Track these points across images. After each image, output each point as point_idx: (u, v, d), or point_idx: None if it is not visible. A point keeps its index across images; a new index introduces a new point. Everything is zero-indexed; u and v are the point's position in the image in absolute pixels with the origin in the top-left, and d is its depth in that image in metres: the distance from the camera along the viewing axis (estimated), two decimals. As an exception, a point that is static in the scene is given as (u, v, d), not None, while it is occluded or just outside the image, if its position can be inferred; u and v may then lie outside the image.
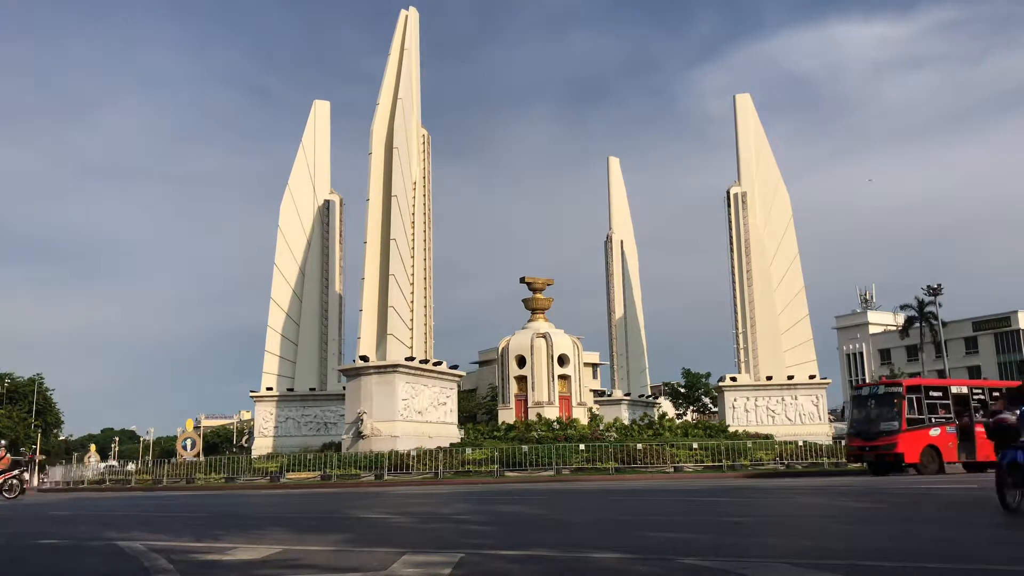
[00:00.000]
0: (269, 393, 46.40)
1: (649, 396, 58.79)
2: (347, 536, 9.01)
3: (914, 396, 27.53)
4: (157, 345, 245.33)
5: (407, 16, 42.19)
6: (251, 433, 63.61)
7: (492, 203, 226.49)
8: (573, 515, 12.45)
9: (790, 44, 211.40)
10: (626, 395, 55.60)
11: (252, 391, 46.90)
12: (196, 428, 68.30)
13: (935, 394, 28.08)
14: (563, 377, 45.85)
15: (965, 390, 28.94)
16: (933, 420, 27.17)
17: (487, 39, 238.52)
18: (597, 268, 70.16)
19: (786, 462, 33.16)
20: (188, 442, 45.22)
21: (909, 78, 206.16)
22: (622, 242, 58.74)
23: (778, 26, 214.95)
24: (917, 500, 14.19)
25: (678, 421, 49.39)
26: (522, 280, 48.64)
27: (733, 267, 50.20)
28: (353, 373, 37.23)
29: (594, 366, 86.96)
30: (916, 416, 27.06)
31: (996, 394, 28.60)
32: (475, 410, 68.64)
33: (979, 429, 25.97)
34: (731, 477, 28.95)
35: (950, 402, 27.88)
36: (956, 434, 27.17)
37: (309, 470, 33.01)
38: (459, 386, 44.53)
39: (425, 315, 40.83)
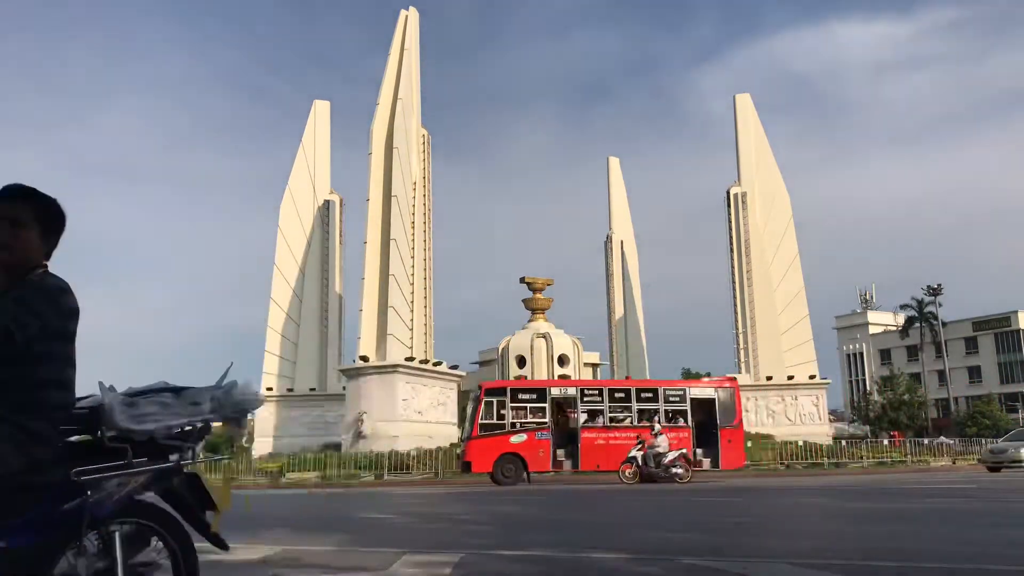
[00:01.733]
0: (269, 393, 46.37)
1: (649, 396, 58.74)
2: (347, 536, 9.01)
3: (495, 399, 25.03)
4: (156, 345, 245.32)
5: (407, 16, 42.25)
6: (251, 433, 63.53)
7: (492, 203, 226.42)
8: (573, 515, 12.45)
9: (790, 44, 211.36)
10: (626, 395, 55.56)
11: (252, 391, 46.88)
12: (196, 428, 68.15)
13: (527, 396, 25.56)
14: (563, 377, 45.88)
15: (572, 391, 26.40)
16: (520, 425, 24.69)
17: (487, 39, 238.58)
18: (597, 268, 70.21)
19: (786, 462, 33.20)
20: (188, 442, 45.13)
21: (910, 78, 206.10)
22: (622, 242, 58.79)
23: (778, 26, 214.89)
24: (915, 500, 14.19)
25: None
26: (522, 280, 48.69)
27: (733, 267, 50.25)
28: (353, 373, 37.26)
29: (594, 366, 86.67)
30: (495, 421, 24.65)
31: (621, 395, 26.20)
32: (475, 410, 68.65)
33: (588, 435, 24.80)
34: (731, 477, 28.92)
35: (547, 405, 25.21)
36: (550, 440, 24.74)
37: (309, 470, 32.99)
38: (459, 386, 44.56)
39: (425, 315, 40.87)
